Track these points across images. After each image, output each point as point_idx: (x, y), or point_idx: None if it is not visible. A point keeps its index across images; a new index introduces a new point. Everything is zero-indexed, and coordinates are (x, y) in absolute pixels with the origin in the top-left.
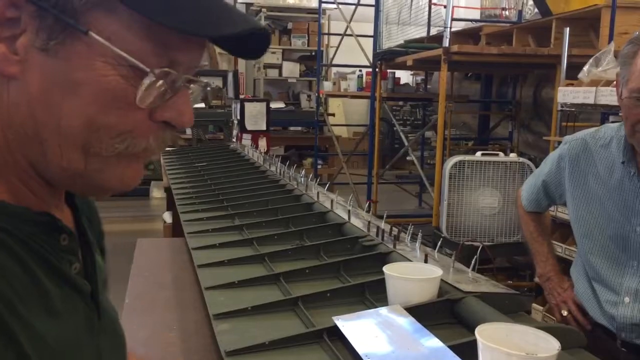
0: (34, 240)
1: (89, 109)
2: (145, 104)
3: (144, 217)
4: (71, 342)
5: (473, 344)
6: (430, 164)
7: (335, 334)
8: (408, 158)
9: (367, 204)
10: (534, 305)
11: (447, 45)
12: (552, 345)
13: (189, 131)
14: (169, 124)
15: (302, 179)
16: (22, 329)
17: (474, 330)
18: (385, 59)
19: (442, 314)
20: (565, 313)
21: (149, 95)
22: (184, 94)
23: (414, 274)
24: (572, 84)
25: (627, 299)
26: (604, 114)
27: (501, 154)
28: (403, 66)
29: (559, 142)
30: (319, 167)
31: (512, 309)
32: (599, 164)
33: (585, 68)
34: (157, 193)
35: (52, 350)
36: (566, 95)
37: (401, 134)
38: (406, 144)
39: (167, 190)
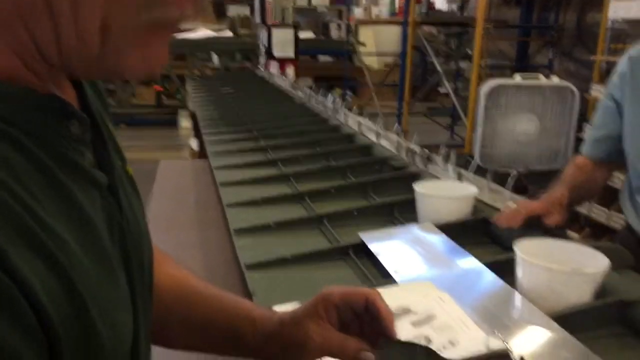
0: (43, 130)
1: None
2: None
3: (172, 145)
4: (99, 248)
5: (510, 262)
6: (462, 96)
7: (362, 251)
8: (440, 90)
9: (396, 125)
10: (569, 232)
11: None
12: (600, 261)
13: (216, 60)
14: None
15: (331, 104)
16: (48, 237)
17: (510, 250)
18: None
19: (476, 233)
20: None
21: None
22: None
23: (446, 192)
24: None
25: None
26: None
27: (542, 76)
28: None
29: (606, 64)
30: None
31: (550, 232)
32: None
33: None
34: (185, 123)
35: (80, 260)
36: (618, 9)
37: (434, 61)
38: (440, 71)
39: (193, 116)
